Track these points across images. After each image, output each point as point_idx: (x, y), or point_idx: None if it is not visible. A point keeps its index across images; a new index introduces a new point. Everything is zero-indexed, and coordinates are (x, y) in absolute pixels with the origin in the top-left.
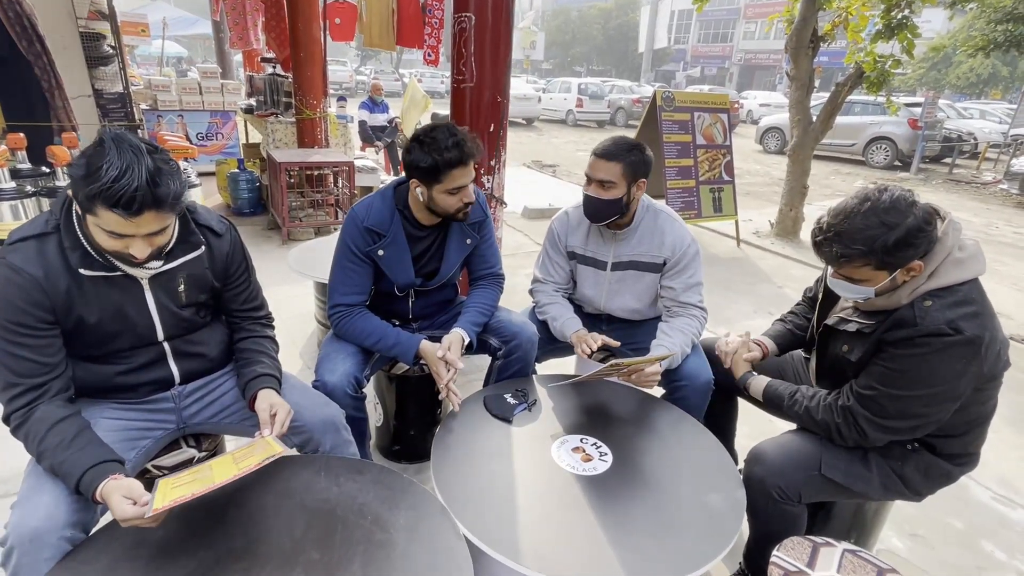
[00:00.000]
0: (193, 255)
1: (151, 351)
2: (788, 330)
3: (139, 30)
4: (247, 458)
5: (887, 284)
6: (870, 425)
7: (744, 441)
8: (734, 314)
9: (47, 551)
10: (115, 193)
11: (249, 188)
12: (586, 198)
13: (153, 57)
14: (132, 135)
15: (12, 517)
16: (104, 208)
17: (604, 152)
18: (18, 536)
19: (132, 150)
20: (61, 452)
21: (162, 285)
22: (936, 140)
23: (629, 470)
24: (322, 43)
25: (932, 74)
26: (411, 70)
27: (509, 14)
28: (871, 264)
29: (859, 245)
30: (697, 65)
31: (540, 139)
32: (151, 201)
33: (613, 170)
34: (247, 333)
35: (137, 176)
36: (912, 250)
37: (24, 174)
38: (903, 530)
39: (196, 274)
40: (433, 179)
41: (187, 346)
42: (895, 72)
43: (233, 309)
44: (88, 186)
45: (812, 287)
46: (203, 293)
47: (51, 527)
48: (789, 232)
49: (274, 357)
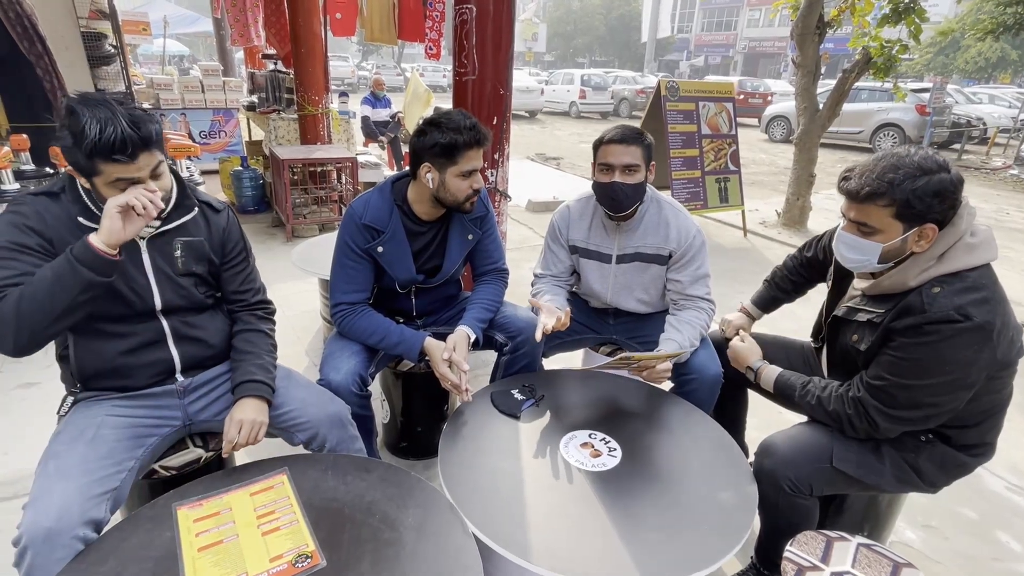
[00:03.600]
0: (188, 217)
1: (150, 328)
2: (771, 295)
3: (140, 29)
4: (263, 492)
5: (896, 244)
6: (881, 416)
7: (754, 434)
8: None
9: (60, 551)
10: (106, 142)
11: (253, 185)
12: (610, 187)
13: (155, 56)
14: (94, 93)
15: (25, 517)
16: (103, 161)
17: (622, 138)
18: (31, 536)
19: (102, 104)
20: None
21: (159, 248)
22: (945, 126)
23: (639, 465)
24: (323, 38)
25: (940, 59)
26: (413, 64)
27: (511, 5)
28: (892, 207)
29: (889, 176)
30: (701, 54)
31: (543, 131)
32: (140, 142)
33: (636, 153)
34: (243, 325)
35: (118, 123)
36: (937, 202)
37: (28, 175)
38: (916, 522)
39: (193, 243)
40: (449, 159)
41: (186, 328)
42: (902, 57)
43: (231, 291)
44: (82, 147)
45: (809, 243)
46: (199, 264)
47: (64, 527)
48: (796, 221)
49: (264, 357)
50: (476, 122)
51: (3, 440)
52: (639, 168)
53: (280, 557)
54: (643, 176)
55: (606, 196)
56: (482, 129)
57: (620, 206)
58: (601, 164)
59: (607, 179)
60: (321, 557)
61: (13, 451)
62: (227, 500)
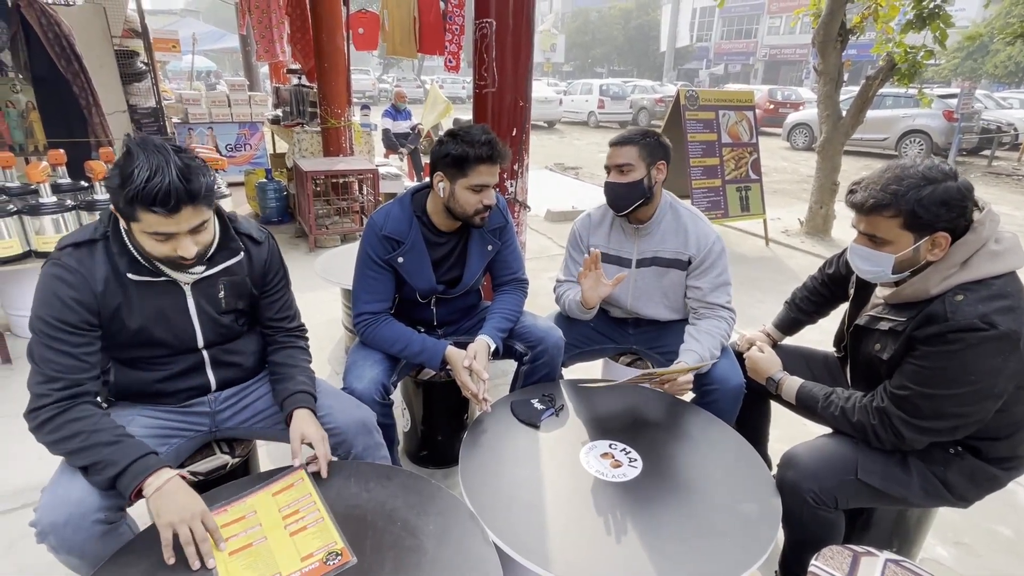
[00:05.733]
0: (233, 260)
1: (190, 358)
2: (792, 317)
3: (170, 46)
4: (284, 492)
5: (909, 254)
6: (906, 426)
7: (776, 445)
8: (761, 314)
9: (82, 533)
10: (150, 192)
11: (277, 197)
12: (607, 187)
13: (184, 72)
14: (156, 138)
15: (42, 500)
16: (144, 210)
17: (619, 139)
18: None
19: (159, 151)
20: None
21: (203, 291)
22: (974, 132)
23: (660, 476)
24: (346, 53)
25: (968, 63)
26: (432, 76)
27: (530, 18)
28: (899, 218)
29: (892, 188)
30: (721, 62)
31: (562, 141)
32: (185, 196)
33: (629, 153)
34: (280, 345)
35: (168, 173)
36: (944, 211)
37: (64, 188)
38: (947, 538)
39: (236, 281)
40: (459, 171)
41: (225, 355)
42: (927, 63)
43: (268, 318)
44: (125, 191)
45: (830, 260)
46: (242, 300)
47: (84, 511)
48: (820, 230)
49: (307, 370)
50: (494, 139)
51: (36, 446)
52: (632, 167)
53: (311, 556)
54: (640, 175)
55: (606, 196)
56: (498, 147)
57: (616, 204)
58: (606, 166)
59: (606, 180)
60: (351, 554)
61: (47, 456)
62: (251, 503)
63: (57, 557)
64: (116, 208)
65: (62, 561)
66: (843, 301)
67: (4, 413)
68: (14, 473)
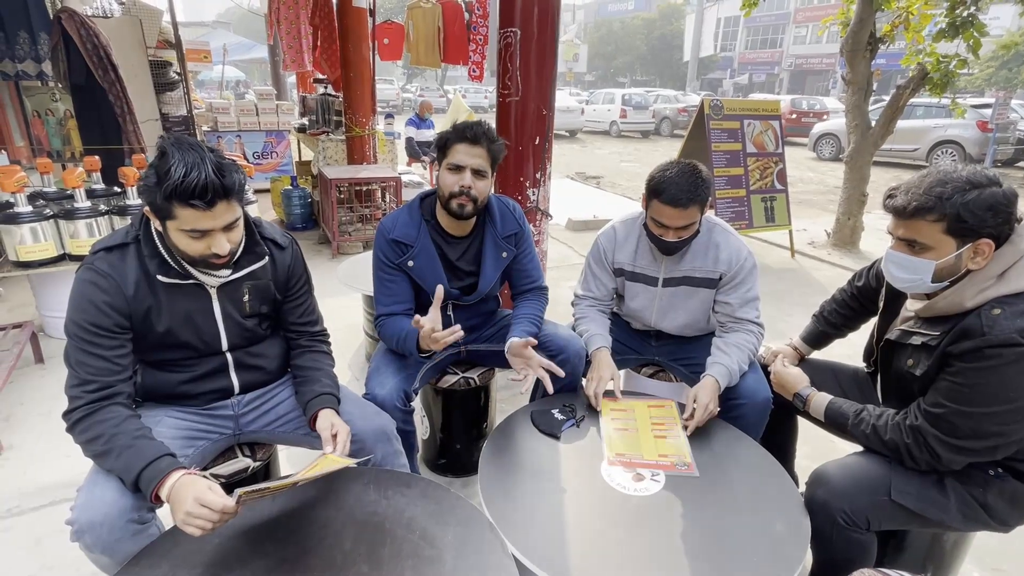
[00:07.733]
0: (258, 265)
1: (214, 361)
2: (820, 330)
3: (202, 56)
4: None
5: (950, 262)
6: (942, 446)
7: (804, 462)
8: (787, 327)
9: (116, 533)
10: (188, 186)
11: (301, 204)
12: (662, 242)
13: (214, 81)
14: (189, 137)
15: (78, 500)
16: (181, 205)
17: (678, 200)
18: (88, 520)
19: (193, 148)
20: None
21: (228, 294)
22: (1009, 143)
23: (683, 491)
24: (371, 63)
25: (1003, 73)
26: (456, 86)
27: (554, 27)
28: (942, 222)
29: (937, 191)
30: (745, 72)
31: (583, 151)
32: (221, 190)
33: (694, 215)
34: (304, 349)
35: (204, 168)
36: (991, 216)
37: (98, 194)
38: (985, 564)
39: (260, 285)
40: (443, 153)
41: (248, 358)
42: (960, 72)
43: (291, 323)
44: (163, 187)
45: (860, 272)
46: (265, 304)
47: (119, 511)
48: (847, 242)
49: (331, 374)
50: (479, 123)
51: (64, 444)
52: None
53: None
54: (698, 224)
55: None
56: (478, 128)
57: (670, 253)
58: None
59: (656, 231)
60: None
61: (74, 454)
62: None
63: (89, 556)
64: (152, 207)
65: (92, 560)
66: (874, 315)
67: (35, 412)
68: (42, 471)
